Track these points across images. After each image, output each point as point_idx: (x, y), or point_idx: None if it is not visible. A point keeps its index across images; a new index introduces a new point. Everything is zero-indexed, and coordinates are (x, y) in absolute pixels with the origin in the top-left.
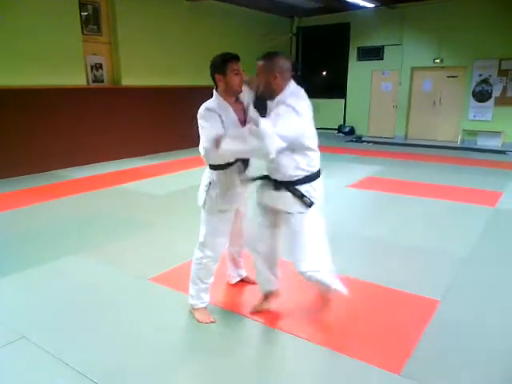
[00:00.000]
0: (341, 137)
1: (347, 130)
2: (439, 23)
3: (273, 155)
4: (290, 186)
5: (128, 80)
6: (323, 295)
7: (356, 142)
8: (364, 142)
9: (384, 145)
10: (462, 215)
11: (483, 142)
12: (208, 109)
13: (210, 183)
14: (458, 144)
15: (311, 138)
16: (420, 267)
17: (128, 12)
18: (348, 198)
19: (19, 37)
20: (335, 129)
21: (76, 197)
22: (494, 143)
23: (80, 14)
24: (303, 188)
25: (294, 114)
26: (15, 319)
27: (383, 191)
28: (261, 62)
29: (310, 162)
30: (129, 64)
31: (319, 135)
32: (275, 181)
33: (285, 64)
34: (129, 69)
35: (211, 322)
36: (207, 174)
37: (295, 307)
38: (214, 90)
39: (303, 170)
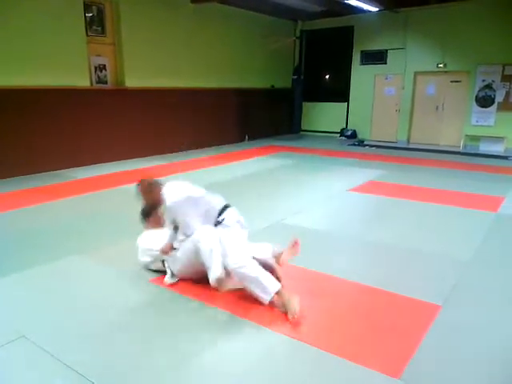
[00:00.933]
0: (343, 140)
1: (349, 133)
2: (443, 28)
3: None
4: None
5: (131, 81)
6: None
7: (358, 145)
8: (366, 145)
9: (386, 149)
10: (464, 220)
11: (486, 148)
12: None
13: None
14: (461, 149)
15: (204, 199)
16: (421, 272)
17: (132, 13)
18: (350, 201)
19: (23, 37)
20: (337, 132)
21: (79, 197)
22: (497, 148)
23: (84, 15)
24: (220, 217)
25: (185, 203)
26: (15, 318)
27: (385, 195)
28: (143, 189)
29: (215, 208)
30: (132, 65)
31: (322, 138)
32: None
33: (156, 182)
34: (132, 70)
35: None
36: None
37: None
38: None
39: (215, 216)
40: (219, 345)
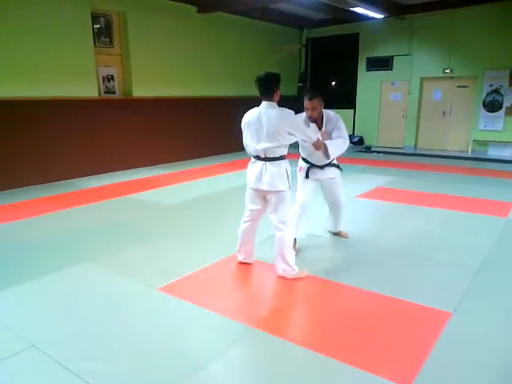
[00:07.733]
0: (350, 147)
1: (356, 140)
2: (449, 33)
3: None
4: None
5: (139, 91)
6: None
7: (365, 152)
8: (373, 152)
9: (393, 155)
10: (474, 226)
11: (494, 152)
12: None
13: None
14: (469, 154)
15: None
16: (430, 278)
17: (139, 24)
18: (357, 208)
19: (34, 49)
20: None
21: (88, 206)
22: (505, 153)
23: (92, 27)
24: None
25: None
26: (25, 328)
27: (393, 201)
28: (319, 99)
29: None
30: (140, 75)
31: None
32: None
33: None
34: (140, 80)
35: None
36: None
37: (302, 316)
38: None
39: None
40: (231, 355)
